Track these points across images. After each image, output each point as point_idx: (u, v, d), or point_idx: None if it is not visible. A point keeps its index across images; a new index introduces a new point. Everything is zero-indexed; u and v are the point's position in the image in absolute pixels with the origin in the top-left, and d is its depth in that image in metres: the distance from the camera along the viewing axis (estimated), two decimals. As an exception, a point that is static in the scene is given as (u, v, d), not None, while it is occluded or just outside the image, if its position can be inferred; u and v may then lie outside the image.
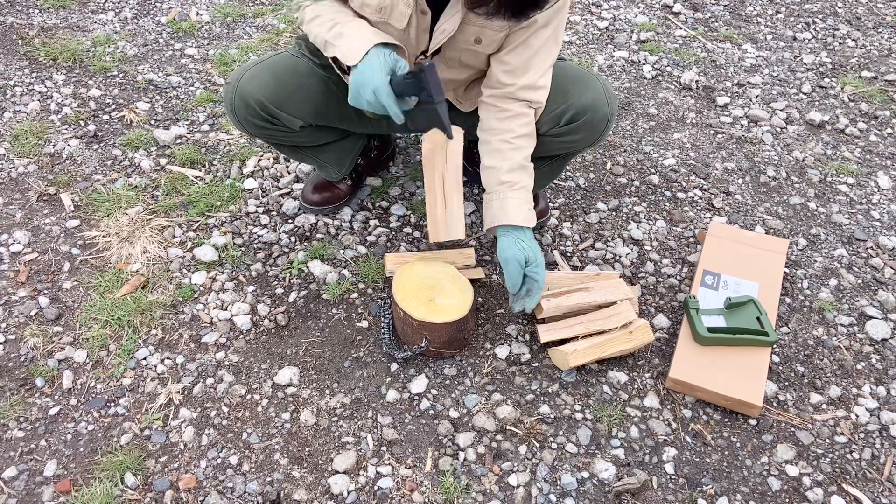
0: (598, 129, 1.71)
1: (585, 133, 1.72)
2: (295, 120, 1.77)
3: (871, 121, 2.60)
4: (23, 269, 1.96)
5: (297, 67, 1.75)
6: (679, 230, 2.13)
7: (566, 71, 1.73)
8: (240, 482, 1.52)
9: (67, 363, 1.75)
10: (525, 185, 1.68)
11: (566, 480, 1.53)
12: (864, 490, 1.53)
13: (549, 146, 1.78)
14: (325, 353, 1.78)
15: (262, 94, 1.70)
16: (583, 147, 1.78)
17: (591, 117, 1.68)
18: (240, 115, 1.74)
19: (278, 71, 1.73)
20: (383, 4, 1.56)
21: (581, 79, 1.70)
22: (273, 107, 1.72)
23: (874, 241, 2.11)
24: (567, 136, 1.73)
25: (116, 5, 3.12)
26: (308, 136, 1.86)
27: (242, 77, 1.71)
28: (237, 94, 1.71)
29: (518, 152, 1.66)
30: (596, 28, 3.07)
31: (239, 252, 2.02)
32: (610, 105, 1.69)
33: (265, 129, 1.79)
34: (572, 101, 1.67)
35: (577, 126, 1.70)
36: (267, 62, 1.75)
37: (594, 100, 1.67)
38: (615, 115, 1.71)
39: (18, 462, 1.55)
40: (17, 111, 2.51)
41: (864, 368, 1.77)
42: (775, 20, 3.17)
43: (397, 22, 1.57)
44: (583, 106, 1.67)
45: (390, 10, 1.56)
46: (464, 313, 1.68)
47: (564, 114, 1.68)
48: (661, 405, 1.67)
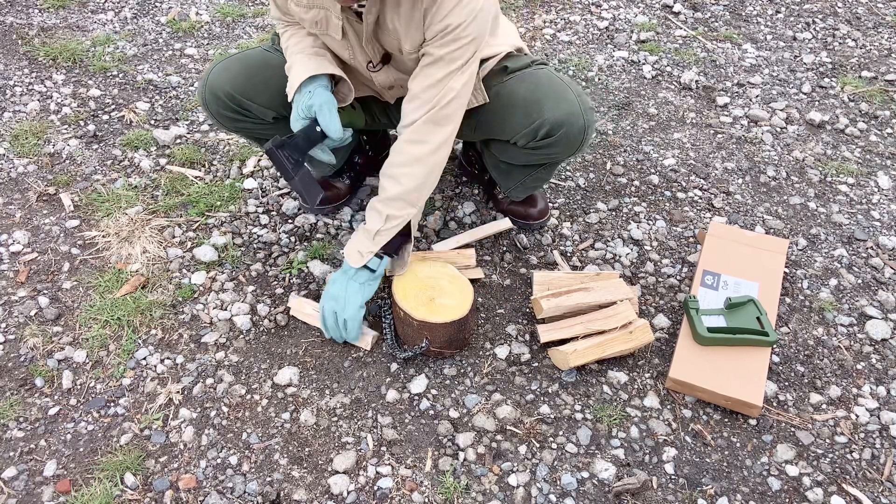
0: (576, 142, 1.69)
1: (563, 146, 1.70)
2: (267, 111, 1.77)
3: (871, 121, 2.60)
4: (22, 269, 1.96)
5: (269, 60, 1.77)
6: (679, 230, 2.13)
7: (542, 83, 1.69)
8: (240, 482, 1.52)
9: (67, 363, 1.75)
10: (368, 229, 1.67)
11: (566, 480, 1.53)
12: (864, 490, 1.53)
13: (530, 157, 1.77)
14: (325, 353, 1.78)
15: (230, 86, 1.72)
16: (563, 157, 1.78)
17: (566, 131, 1.66)
18: (212, 108, 1.76)
19: (248, 63, 1.75)
20: (317, 18, 1.60)
21: (556, 92, 1.66)
22: (242, 98, 1.73)
23: (874, 241, 2.11)
24: (544, 149, 1.72)
25: (116, 5, 3.12)
26: (284, 128, 1.82)
27: (212, 71, 1.74)
28: (207, 87, 1.74)
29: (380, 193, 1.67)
30: (596, 28, 3.07)
31: (239, 252, 2.02)
32: (586, 117, 1.66)
33: (239, 122, 1.80)
34: (546, 117, 1.64)
35: (553, 140, 1.68)
36: (238, 55, 1.77)
37: (568, 113, 1.64)
38: (592, 126, 1.69)
39: (18, 462, 1.55)
40: (17, 111, 2.51)
41: (864, 368, 1.77)
42: (775, 20, 3.17)
43: (335, 33, 1.61)
44: (556, 121, 1.64)
45: (325, 23, 1.60)
46: (464, 313, 1.68)
47: (540, 129, 1.66)
48: (661, 405, 1.67)
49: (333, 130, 1.61)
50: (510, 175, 1.92)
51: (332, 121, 1.60)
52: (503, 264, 2.01)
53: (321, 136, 1.64)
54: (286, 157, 1.63)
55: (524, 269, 1.99)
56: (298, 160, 1.65)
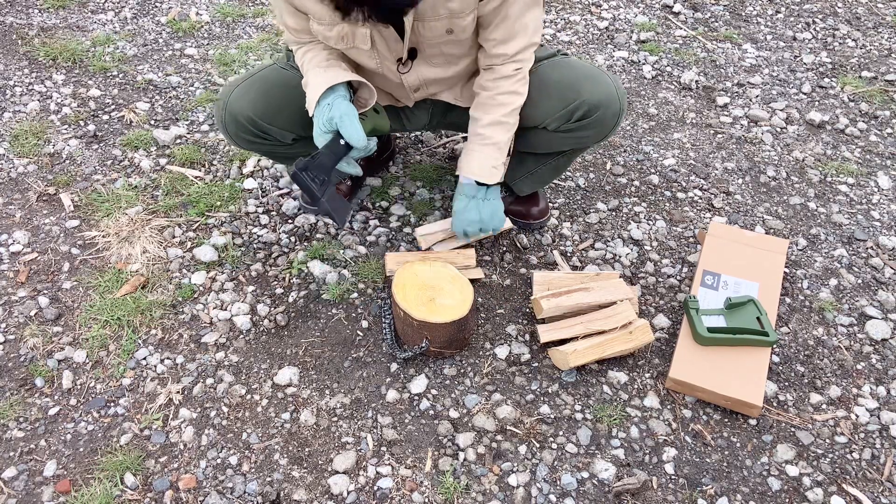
0: (609, 125, 1.73)
1: (596, 129, 1.73)
2: (286, 133, 1.77)
3: (871, 121, 2.60)
4: (22, 269, 1.96)
5: (286, 80, 1.75)
6: (679, 230, 2.13)
7: (576, 67, 1.73)
8: (239, 482, 1.52)
9: (67, 363, 1.75)
10: (497, 142, 1.72)
11: (566, 480, 1.53)
12: (864, 490, 1.53)
13: (559, 142, 1.79)
14: (325, 353, 1.78)
15: (252, 111, 1.71)
16: (592, 142, 1.80)
17: (602, 113, 1.69)
18: (230, 130, 1.75)
19: (267, 86, 1.74)
20: (343, 33, 1.59)
21: (592, 75, 1.71)
22: (263, 122, 1.73)
23: (874, 241, 2.11)
24: (577, 131, 1.74)
25: (116, 5, 3.12)
26: (301, 148, 1.83)
27: (231, 94, 1.72)
28: (227, 111, 1.73)
29: (500, 108, 1.70)
30: (596, 28, 3.07)
31: (239, 252, 2.02)
32: (621, 101, 1.70)
33: (257, 144, 1.79)
34: (584, 98, 1.68)
35: (588, 122, 1.71)
36: (255, 77, 1.75)
37: (606, 95, 1.68)
38: (626, 111, 1.72)
39: (18, 462, 1.55)
40: (17, 111, 2.51)
41: (864, 368, 1.77)
42: (775, 20, 3.17)
43: (362, 44, 1.61)
44: (595, 102, 1.68)
45: (351, 36, 1.60)
46: (464, 313, 1.68)
47: (577, 110, 1.69)
48: (661, 405, 1.67)
49: (356, 140, 1.59)
50: (523, 164, 1.93)
51: (355, 130, 1.58)
52: (503, 264, 2.01)
53: (346, 149, 1.62)
54: (311, 179, 1.60)
55: (524, 269, 1.99)
56: (325, 179, 1.62)
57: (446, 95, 1.83)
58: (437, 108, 1.91)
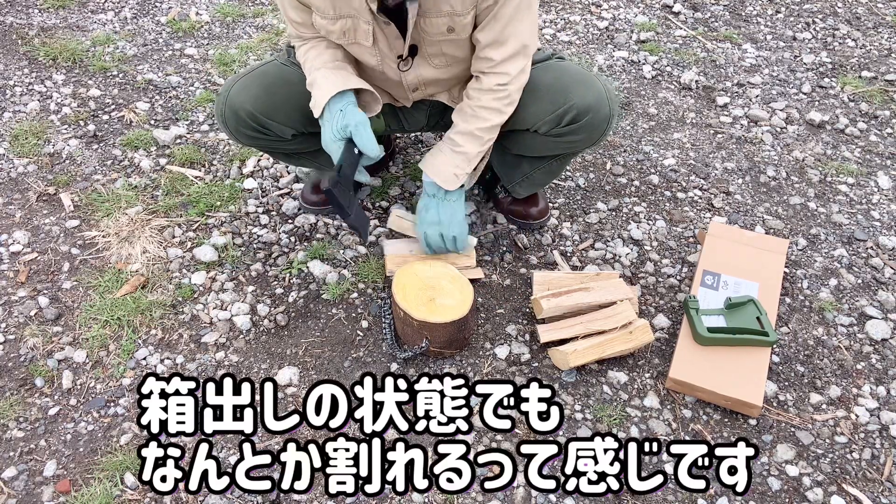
0: (600, 130, 1.71)
1: (586, 133, 1.72)
2: (286, 129, 1.77)
3: (871, 121, 2.60)
4: (22, 269, 1.96)
5: (286, 76, 1.75)
6: (679, 230, 2.13)
7: (568, 71, 1.73)
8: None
9: (67, 363, 1.75)
10: (466, 153, 1.72)
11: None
12: (864, 490, 1.53)
13: (550, 146, 1.78)
14: (325, 353, 1.78)
15: (252, 105, 1.71)
16: (583, 147, 1.78)
17: (592, 118, 1.68)
18: (230, 125, 1.75)
19: (267, 81, 1.74)
20: (345, 28, 1.60)
21: (582, 79, 1.70)
22: (263, 117, 1.72)
23: (874, 241, 2.11)
24: (568, 136, 1.73)
25: (116, 5, 3.12)
26: (301, 144, 1.85)
27: (231, 88, 1.73)
28: (227, 105, 1.73)
29: (477, 121, 1.69)
30: (596, 28, 3.07)
31: (239, 252, 2.02)
32: (611, 105, 1.69)
33: (257, 139, 1.79)
34: (574, 102, 1.67)
35: (578, 126, 1.69)
36: (256, 72, 1.76)
37: (596, 100, 1.67)
38: (616, 116, 1.71)
39: (18, 462, 1.55)
40: (17, 111, 2.51)
41: (864, 368, 1.77)
42: (775, 20, 3.17)
43: (364, 40, 1.61)
44: (585, 106, 1.67)
45: (353, 31, 1.60)
46: (464, 313, 1.68)
47: (566, 114, 1.68)
48: (661, 405, 1.67)
49: (370, 149, 1.59)
50: (518, 168, 1.93)
51: (370, 139, 1.58)
52: (503, 264, 2.01)
53: (359, 157, 1.62)
54: (342, 194, 1.59)
55: (524, 269, 1.99)
56: (351, 193, 1.62)
57: (444, 97, 1.83)
58: (435, 109, 1.91)
